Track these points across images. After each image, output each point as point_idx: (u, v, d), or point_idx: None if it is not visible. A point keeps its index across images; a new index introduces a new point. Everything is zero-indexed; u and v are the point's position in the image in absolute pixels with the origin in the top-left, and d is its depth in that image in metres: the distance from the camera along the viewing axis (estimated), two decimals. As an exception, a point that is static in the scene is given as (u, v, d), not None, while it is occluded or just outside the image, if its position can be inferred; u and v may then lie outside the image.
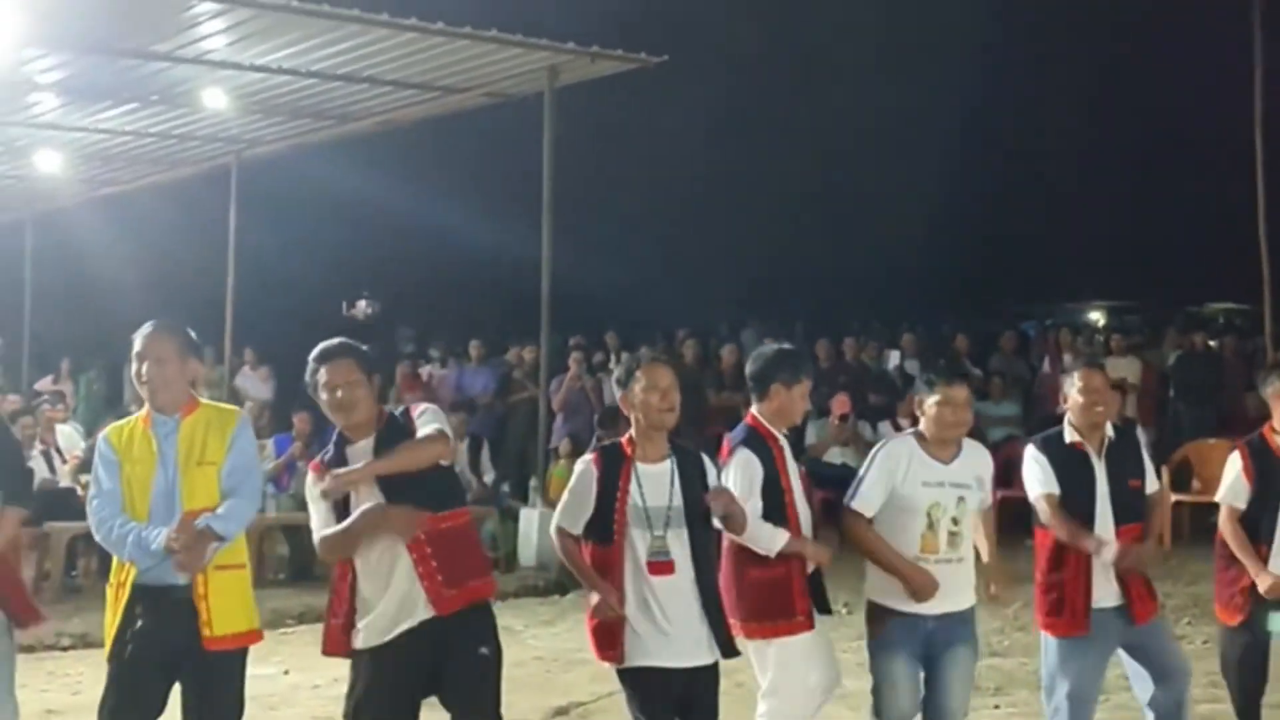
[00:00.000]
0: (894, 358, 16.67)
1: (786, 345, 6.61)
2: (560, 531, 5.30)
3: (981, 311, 26.66)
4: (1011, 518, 14.33)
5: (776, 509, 5.71)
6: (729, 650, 5.37)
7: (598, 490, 5.23)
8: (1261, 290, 15.21)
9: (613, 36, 12.66)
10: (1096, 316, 30.90)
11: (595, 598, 5.19)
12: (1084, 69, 26.95)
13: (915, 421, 5.95)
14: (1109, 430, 6.13)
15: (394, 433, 5.18)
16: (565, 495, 5.33)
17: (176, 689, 5.36)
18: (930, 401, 5.78)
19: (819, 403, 15.09)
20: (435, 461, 5.20)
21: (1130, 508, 6.05)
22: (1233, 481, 6.58)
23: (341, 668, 5.39)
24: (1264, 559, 6.45)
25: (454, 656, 5.10)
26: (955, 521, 5.69)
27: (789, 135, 26.73)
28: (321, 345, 5.30)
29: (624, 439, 5.36)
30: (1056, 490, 6.02)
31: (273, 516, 12.29)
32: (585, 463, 5.31)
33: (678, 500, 5.27)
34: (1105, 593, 6.00)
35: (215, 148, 16.53)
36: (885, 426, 14.07)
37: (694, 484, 5.34)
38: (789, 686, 5.76)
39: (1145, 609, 6.05)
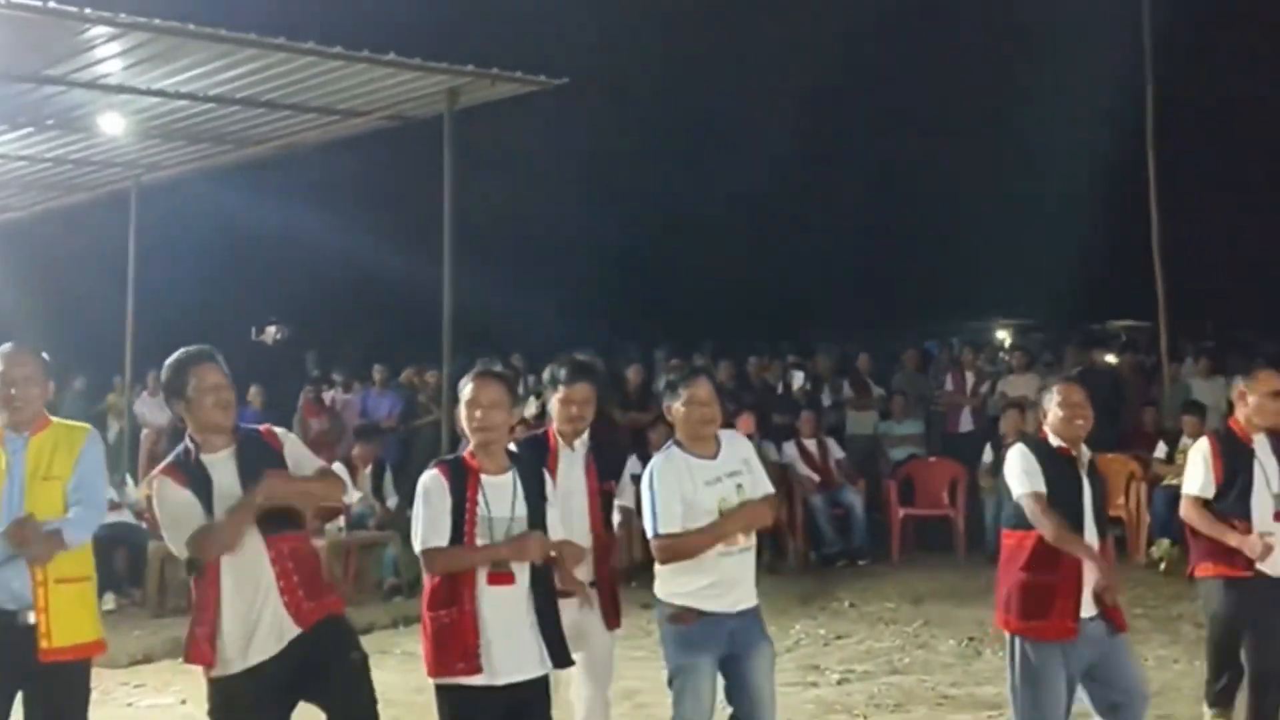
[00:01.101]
0: (798, 378, 16.77)
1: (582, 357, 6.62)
2: (430, 553, 5.27)
3: (886, 330, 26.92)
4: (913, 534, 14.56)
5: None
6: (561, 660, 5.44)
7: (451, 501, 5.26)
8: (1157, 308, 15.49)
9: (514, 61, 12.65)
10: (1001, 335, 31.29)
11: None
12: (978, 89, 27.31)
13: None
14: (1085, 449, 6.18)
15: (254, 447, 5.33)
16: (421, 512, 5.31)
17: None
18: (678, 405, 5.89)
19: (724, 422, 15.16)
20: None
21: (1105, 525, 6.14)
22: (1202, 476, 6.83)
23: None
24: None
25: (327, 665, 5.22)
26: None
27: (695, 156, 26.86)
28: (184, 351, 5.40)
29: (466, 452, 5.41)
30: (1044, 489, 6.01)
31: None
32: (432, 476, 5.33)
33: (520, 510, 5.34)
34: (1089, 599, 6.00)
35: (113, 173, 16.30)
36: (789, 447, 14.15)
37: (535, 494, 5.43)
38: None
39: (1120, 618, 6.10)
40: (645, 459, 14.45)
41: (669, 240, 26.72)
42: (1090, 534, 6.01)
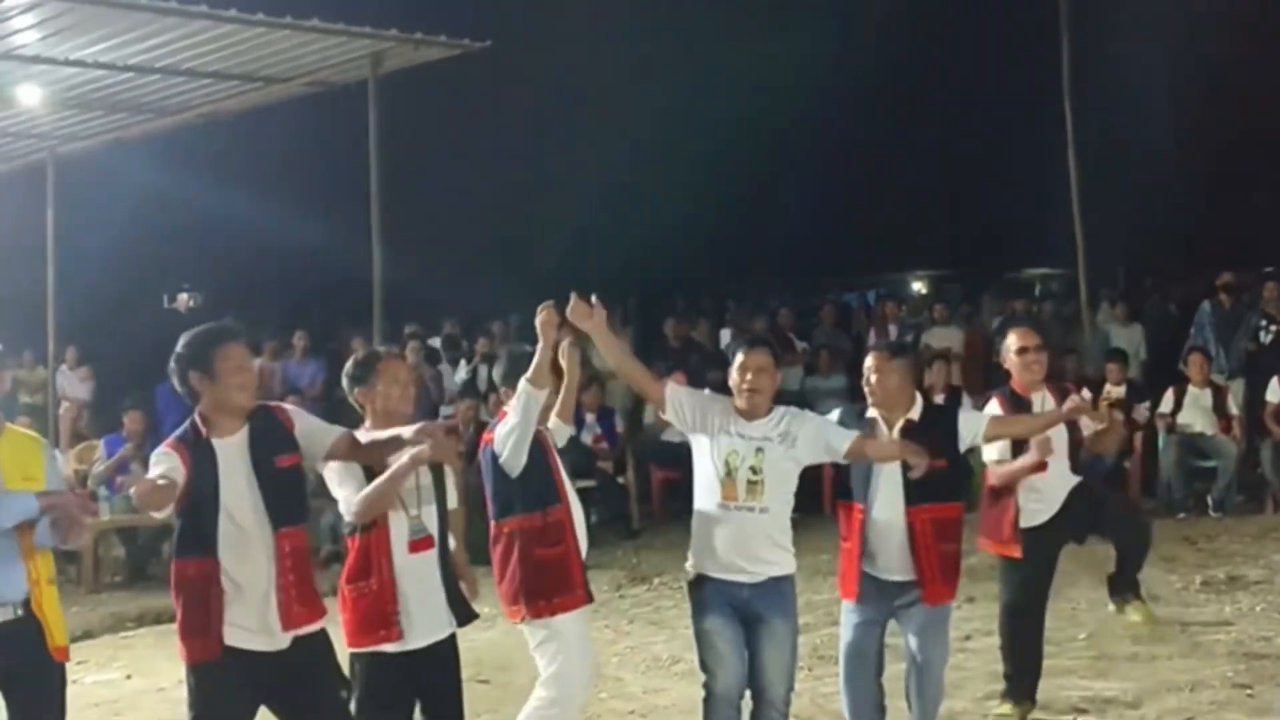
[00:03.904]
0: (726, 336, 16.86)
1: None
2: (359, 503, 5.32)
3: (804, 285, 27.13)
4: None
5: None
6: (468, 617, 5.63)
7: (362, 470, 5.39)
8: (1076, 255, 15.73)
9: (440, 24, 12.62)
10: (918, 286, 31.57)
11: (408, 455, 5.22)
12: (894, 41, 27.43)
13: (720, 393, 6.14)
14: (915, 412, 6.30)
15: (266, 430, 5.16)
16: (341, 482, 5.40)
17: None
18: (734, 368, 6.02)
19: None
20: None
21: (926, 488, 6.10)
22: (999, 442, 6.82)
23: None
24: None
25: (311, 691, 5.21)
26: (755, 471, 5.87)
27: (612, 117, 26.82)
28: (213, 325, 5.27)
29: (367, 425, 5.59)
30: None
31: (107, 519, 12.05)
32: None
33: (425, 478, 5.51)
34: (895, 565, 6.20)
35: (29, 144, 16.05)
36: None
37: (436, 463, 5.54)
38: (576, 669, 5.99)
39: (935, 591, 6.20)
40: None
41: (585, 201, 26.68)
42: (889, 501, 6.16)
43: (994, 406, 6.97)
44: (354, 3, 12.39)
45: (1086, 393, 7.35)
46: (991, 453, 6.88)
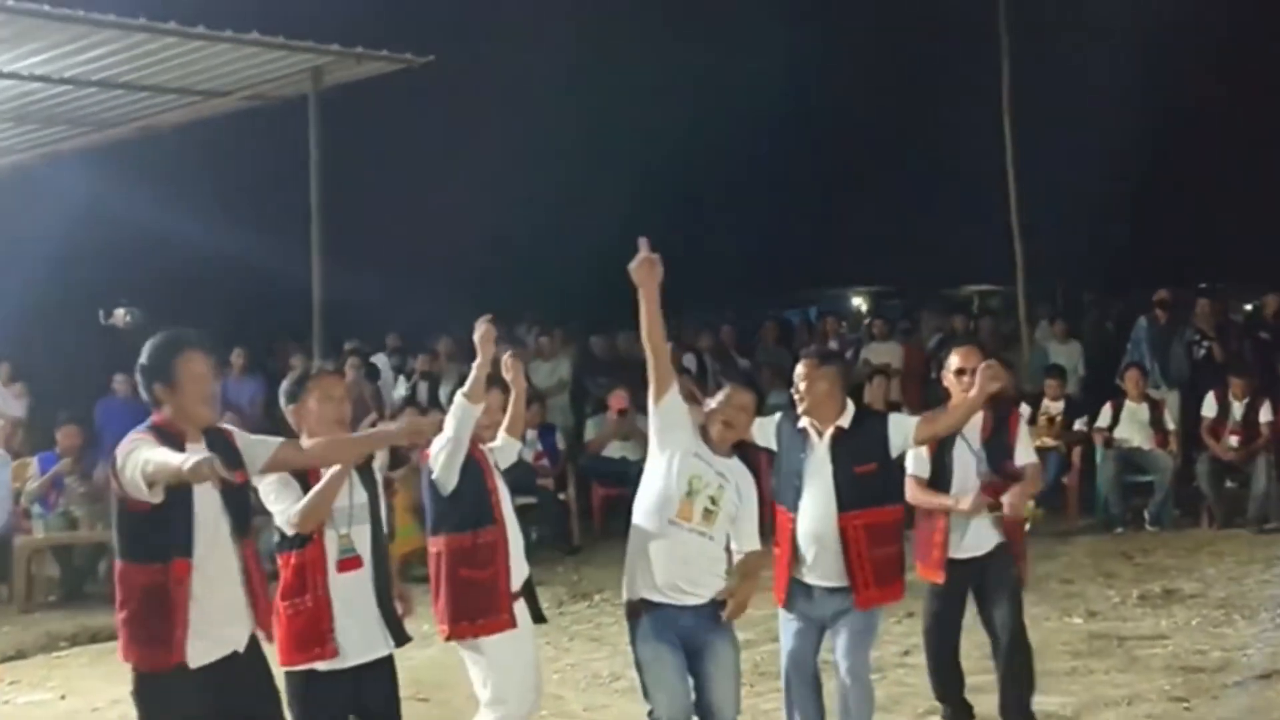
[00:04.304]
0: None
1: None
2: (300, 513, 5.32)
3: (747, 302, 27.14)
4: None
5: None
6: (402, 638, 5.57)
7: (299, 489, 5.38)
8: (1014, 272, 15.86)
9: (382, 38, 12.58)
10: (858, 302, 31.71)
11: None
12: (833, 60, 27.56)
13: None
14: (845, 419, 6.33)
15: (219, 440, 5.07)
16: (278, 496, 5.38)
17: None
18: (715, 399, 6.06)
19: (599, 397, 15.25)
20: None
21: (859, 493, 6.21)
22: (918, 457, 6.86)
23: (122, 688, 5.23)
24: None
25: (259, 701, 5.13)
26: (713, 500, 5.86)
27: (552, 134, 26.83)
28: (174, 332, 5.12)
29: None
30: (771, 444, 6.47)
31: (41, 537, 11.89)
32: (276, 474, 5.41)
33: (360, 498, 5.47)
34: (827, 572, 6.27)
35: (-40, 158, 15.93)
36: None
37: (371, 480, 5.57)
38: (512, 690, 5.93)
39: (868, 596, 6.23)
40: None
41: (527, 217, 26.66)
42: (823, 506, 6.23)
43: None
44: (295, 17, 12.32)
45: (1025, 408, 7.39)
46: (909, 464, 6.88)
